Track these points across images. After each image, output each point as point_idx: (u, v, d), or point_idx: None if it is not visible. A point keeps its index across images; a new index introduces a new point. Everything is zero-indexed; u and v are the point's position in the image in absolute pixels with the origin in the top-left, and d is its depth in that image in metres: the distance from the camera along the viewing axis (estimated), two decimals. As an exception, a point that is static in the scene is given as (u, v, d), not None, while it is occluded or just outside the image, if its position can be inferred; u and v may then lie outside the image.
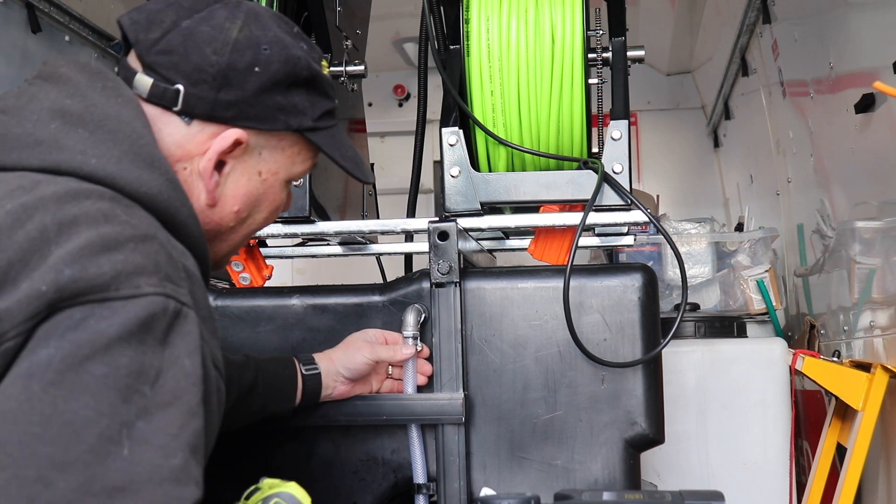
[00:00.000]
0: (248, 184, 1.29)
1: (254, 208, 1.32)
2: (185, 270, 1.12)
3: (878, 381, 2.04)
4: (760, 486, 2.67)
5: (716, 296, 3.14)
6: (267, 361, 1.64)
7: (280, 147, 1.30)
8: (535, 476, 1.71)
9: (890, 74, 1.84)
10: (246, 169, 1.28)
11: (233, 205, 1.29)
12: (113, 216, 1.07)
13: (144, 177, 1.15)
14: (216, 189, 1.26)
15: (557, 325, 1.71)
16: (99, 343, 0.99)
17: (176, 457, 1.00)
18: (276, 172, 1.31)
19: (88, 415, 0.96)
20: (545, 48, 1.84)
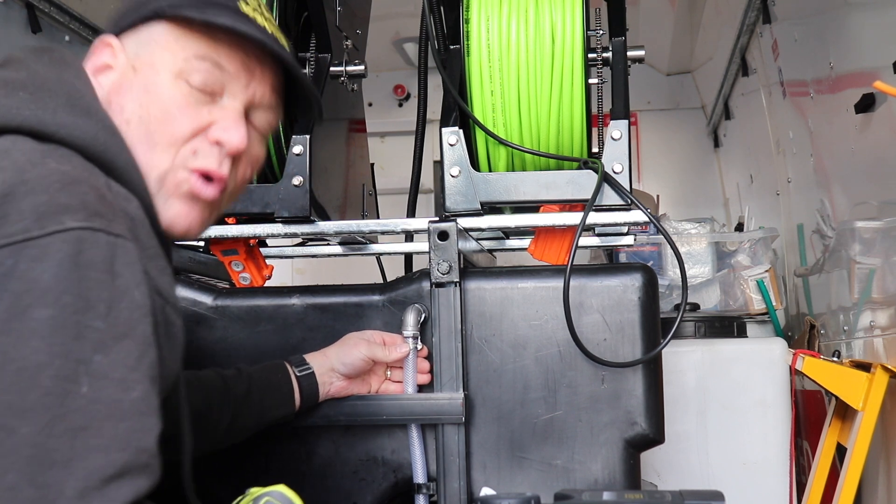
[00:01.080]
0: (124, 79, 1.25)
1: (142, 106, 1.24)
2: (123, 211, 1.11)
3: (878, 380, 2.04)
4: (760, 486, 2.67)
5: (716, 296, 3.14)
6: (258, 370, 1.64)
7: (150, 38, 1.27)
8: (535, 476, 1.71)
9: (890, 74, 1.84)
10: (123, 68, 1.26)
11: (122, 105, 1.24)
12: (40, 163, 1.07)
13: (79, 123, 1.15)
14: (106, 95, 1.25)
15: (557, 325, 1.71)
16: (37, 290, 0.98)
17: (135, 389, 1.01)
18: (152, 64, 1.25)
19: (40, 358, 0.96)
20: (545, 48, 1.84)
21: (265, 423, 1.65)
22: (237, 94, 1.29)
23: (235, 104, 1.28)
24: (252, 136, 1.32)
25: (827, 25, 2.41)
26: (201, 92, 1.26)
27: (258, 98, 1.31)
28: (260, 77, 1.31)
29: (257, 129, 1.34)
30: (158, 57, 1.25)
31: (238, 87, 1.29)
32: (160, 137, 1.23)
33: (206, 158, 1.26)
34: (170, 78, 1.24)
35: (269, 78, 1.32)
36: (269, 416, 1.64)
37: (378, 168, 2.53)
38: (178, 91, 1.25)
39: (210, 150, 1.26)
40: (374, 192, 2.42)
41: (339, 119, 2.22)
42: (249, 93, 1.30)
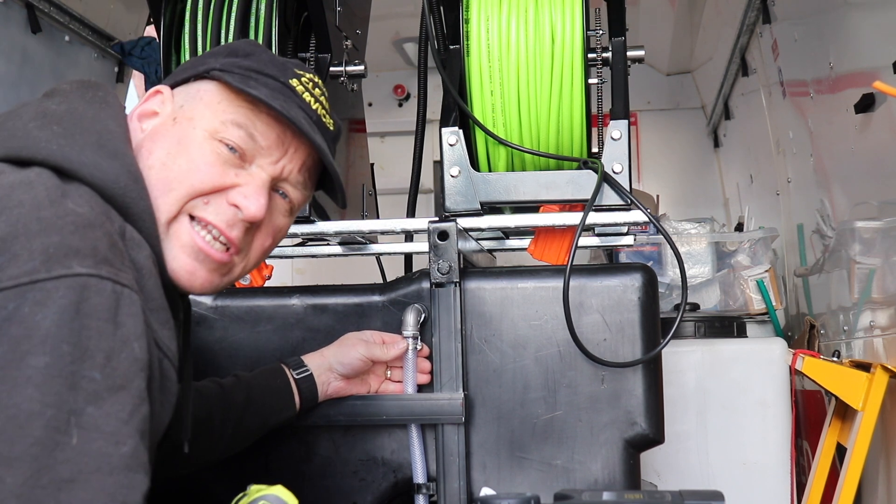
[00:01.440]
0: (163, 127, 1.28)
1: (170, 154, 1.26)
2: (132, 260, 1.12)
3: (877, 380, 2.04)
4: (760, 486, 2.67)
5: (716, 296, 3.14)
6: (256, 376, 1.65)
7: (197, 95, 1.30)
8: (535, 476, 1.71)
9: (890, 74, 1.84)
10: (166, 117, 1.30)
11: (151, 150, 1.26)
12: (58, 202, 1.07)
13: (103, 164, 1.16)
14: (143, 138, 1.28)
15: (557, 325, 1.71)
16: (37, 336, 0.98)
17: (126, 444, 1.00)
18: (192, 119, 1.28)
19: (33, 407, 0.95)
20: (545, 48, 1.84)
21: (268, 428, 1.65)
22: (266, 166, 1.30)
23: (262, 174, 1.30)
24: (276, 207, 1.34)
25: (827, 25, 2.41)
26: (231, 154, 1.27)
27: (286, 174, 1.33)
28: (292, 155, 1.33)
29: (283, 202, 1.35)
30: (199, 113, 1.28)
31: (268, 160, 1.30)
32: (178, 185, 1.24)
33: (216, 214, 1.26)
34: (204, 135, 1.27)
35: (301, 156, 1.34)
36: (272, 420, 1.64)
37: (378, 168, 2.53)
38: (210, 149, 1.27)
39: (224, 210, 1.27)
40: (374, 192, 2.42)
41: (339, 119, 2.22)
42: (279, 167, 1.32)
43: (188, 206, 1.25)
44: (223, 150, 1.27)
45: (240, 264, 1.33)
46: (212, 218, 1.26)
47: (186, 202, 1.25)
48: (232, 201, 1.27)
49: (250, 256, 1.34)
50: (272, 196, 1.32)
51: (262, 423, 1.63)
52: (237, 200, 1.27)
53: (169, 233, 1.25)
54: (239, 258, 1.32)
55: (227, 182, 1.27)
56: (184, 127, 1.28)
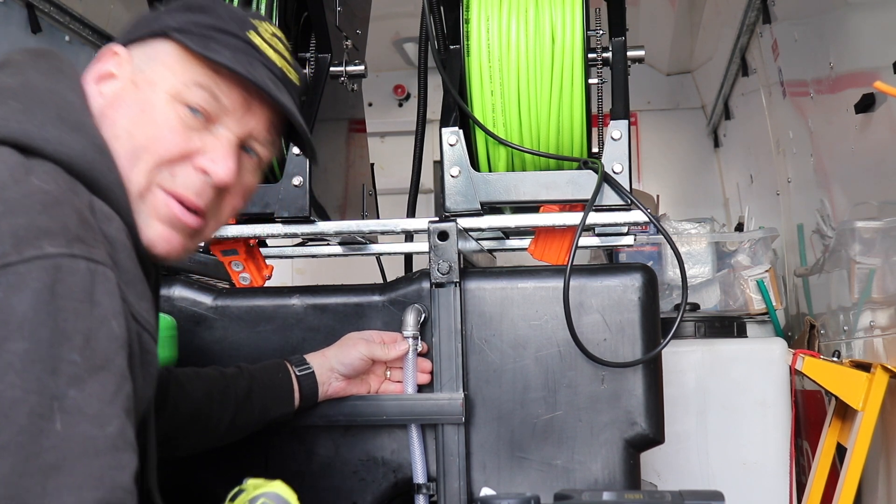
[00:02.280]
0: (123, 92, 1.24)
1: (134, 123, 1.22)
2: (103, 234, 1.10)
3: (878, 381, 2.04)
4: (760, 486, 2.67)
5: (716, 296, 3.14)
6: (259, 369, 1.65)
7: (156, 57, 1.25)
8: (535, 476, 1.71)
9: (890, 74, 1.84)
10: (125, 80, 1.25)
11: (114, 119, 1.23)
12: (23, 180, 1.05)
13: (66, 139, 1.14)
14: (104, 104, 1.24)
15: (557, 325, 1.71)
16: (14, 321, 0.96)
17: (111, 424, 0.99)
18: (153, 82, 1.24)
19: (15, 394, 0.94)
20: (545, 48, 1.84)
21: (265, 422, 1.65)
22: (232, 126, 1.27)
23: (229, 136, 1.26)
24: (245, 166, 1.31)
25: (827, 25, 2.41)
26: (195, 117, 1.24)
27: (254, 133, 1.30)
28: (258, 113, 1.29)
29: (252, 160, 1.32)
30: (160, 75, 1.24)
31: (233, 120, 1.27)
32: (144, 154, 1.21)
33: (185, 185, 1.24)
34: (166, 98, 1.23)
35: (268, 114, 1.30)
36: (270, 414, 1.64)
37: (378, 168, 2.53)
38: (173, 113, 1.23)
39: (192, 177, 1.24)
40: (374, 192, 2.42)
41: (339, 119, 2.22)
42: (245, 127, 1.28)
43: (158, 179, 1.23)
44: (186, 113, 1.23)
45: (210, 225, 1.31)
46: (181, 190, 1.24)
47: (154, 173, 1.23)
48: (199, 166, 1.24)
49: (220, 217, 1.32)
50: (240, 155, 1.30)
51: (260, 415, 1.63)
52: (205, 165, 1.24)
53: (144, 204, 1.23)
54: (208, 220, 1.30)
55: (192, 147, 1.24)
56: (145, 91, 1.24)
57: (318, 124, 1.93)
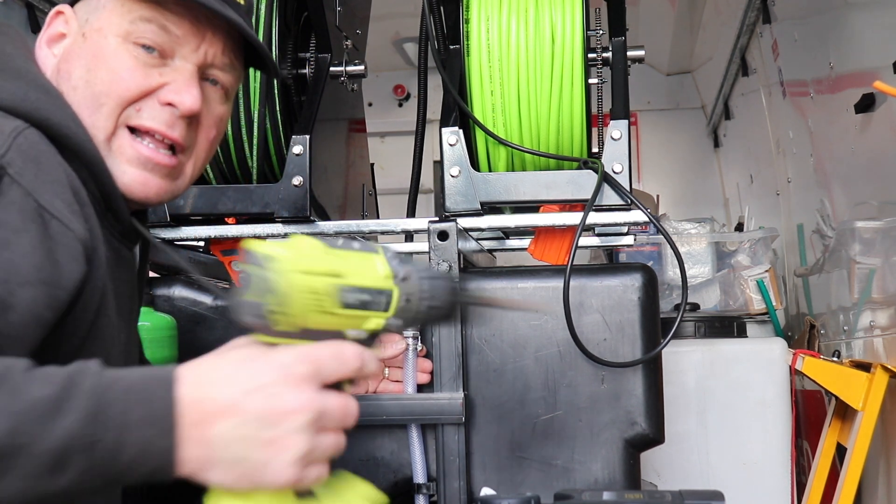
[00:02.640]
0: (74, 45, 1.25)
1: (89, 70, 1.23)
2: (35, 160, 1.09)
3: (877, 380, 2.04)
4: (761, 485, 2.67)
5: (716, 296, 3.14)
6: None
7: (99, 4, 1.26)
8: (535, 476, 1.71)
9: (890, 74, 1.84)
10: (74, 35, 1.26)
11: (69, 71, 1.23)
12: None
13: (7, 85, 1.15)
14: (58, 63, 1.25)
15: (557, 325, 1.71)
16: None
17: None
18: (100, 28, 1.24)
19: None
20: (545, 48, 1.84)
21: None
22: (188, 55, 1.27)
23: (187, 66, 1.26)
24: (210, 95, 1.31)
25: (827, 25, 2.41)
26: (150, 55, 1.24)
27: (211, 58, 1.29)
28: (212, 38, 1.28)
29: (216, 90, 1.32)
30: (106, 21, 1.24)
31: (188, 50, 1.26)
32: (106, 99, 1.22)
33: (152, 118, 1.24)
34: (117, 41, 1.23)
35: (221, 38, 1.29)
36: None
37: (378, 168, 2.54)
38: (126, 53, 1.23)
39: (159, 111, 1.24)
40: (374, 192, 2.42)
41: (339, 119, 2.22)
42: (201, 55, 1.28)
43: (122, 118, 1.23)
44: (140, 52, 1.24)
45: (189, 163, 1.31)
46: (149, 124, 1.24)
47: (119, 114, 1.23)
48: (164, 100, 1.24)
49: (199, 152, 1.32)
50: (203, 86, 1.29)
51: None
52: (169, 97, 1.24)
53: (112, 150, 1.23)
54: (186, 157, 1.30)
55: (152, 83, 1.24)
56: (95, 40, 1.24)
57: (318, 124, 1.93)
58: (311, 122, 1.89)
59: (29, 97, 1.15)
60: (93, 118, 1.22)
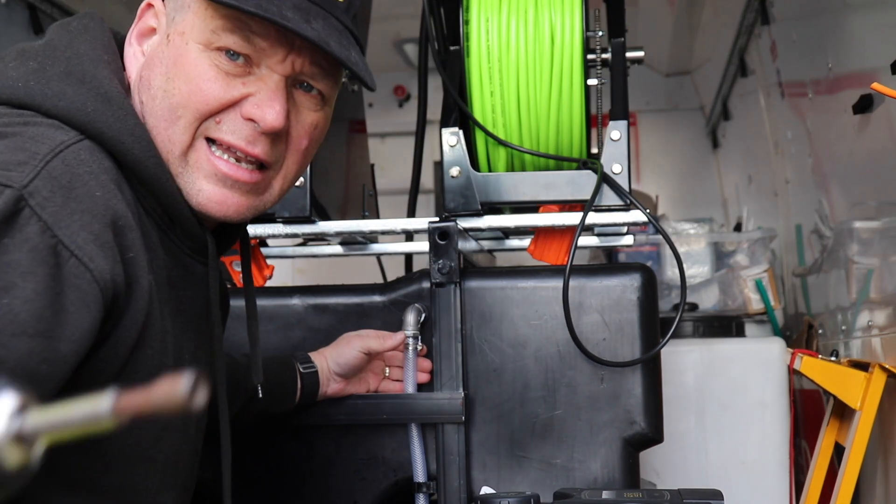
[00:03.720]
0: (158, 48, 1.18)
1: (168, 79, 1.15)
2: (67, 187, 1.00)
3: (875, 380, 2.04)
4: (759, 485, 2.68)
5: (714, 296, 3.15)
6: (268, 361, 1.65)
7: (184, 4, 1.17)
8: (535, 475, 1.72)
9: (888, 75, 1.84)
10: (162, 33, 1.19)
11: (149, 79, 1.16)
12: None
13: (68, 92, 1.09)
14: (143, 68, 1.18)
15: (557, 325, 1.72)
16: None
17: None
18: (183, 33, 1.15)
19: None
20: (545, 49, 1.85)
21: (265, 416, 1.65)
22: (275, 66, 1.16)
23: (273, 76, 1.16)
24: (302, 103, 1.21)
25: (825, 27, 2.42)
26: (234, 62, 1.14)
27: (300, 68, 1.18)
28: (301, 46, 1.17)
29: (311, 97, 1.21)
30: (189, 25, 1.16)
31: (275, 60, 1.16)
32: (183, 111, 1.14)
33: (232, 133, 1.15)
34: (198, 48, 1.15)
35: (311, 45, 1.16)
36: (271, 409, 1.64)
37: (378, 168, 2.54)
38: (208, 62, 1.14)
39: (241, 126, 1.15)
40: (374, 193, 2.43)
41: (340, 120, 2.23)
42: (288, 65, 1.17)
43: (201, 130, 1.15)
44: (222, 60, 1.14)
45: (278, 178, 1.22)
46: (229, 138, 1.15)
47: (197, 127, 1.15)
48: (246, 115, 1.15)
49: (288, 166, 1.22)
50: (294, 94, 1.19)
51: (264, 408, 1.62)
52: (251, 113, 1.15)
53: (189, 164, 1.15)
54: (273, 171, 1.20)
55: (234, 95, 1.15)
56: (177, 45, 1.15)
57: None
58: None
59: (86, 107, 1.08)
60: (169, 131, 1.14)
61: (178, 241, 1.20)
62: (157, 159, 1.13)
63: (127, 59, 1.21)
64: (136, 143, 1.11)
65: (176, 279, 1.19)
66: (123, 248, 1.05)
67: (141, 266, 1.08)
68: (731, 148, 4.29)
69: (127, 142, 1.10)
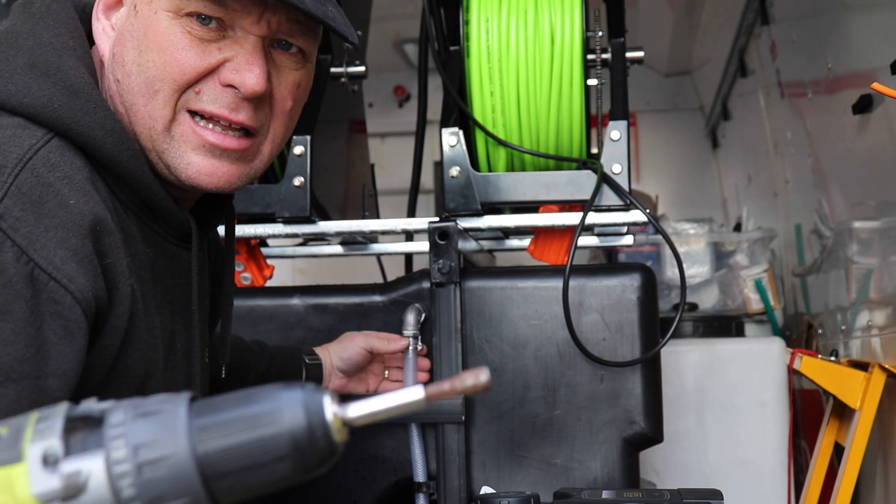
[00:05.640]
0: (126, 22, 1.12)
1: (141, 52, 1.10)
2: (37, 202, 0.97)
3: (875, 380, 2.05)
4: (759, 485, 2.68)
5: (714, 295, 3.15)
6: (277, 350, 1.65)
7: None
8: (535, 475, 1.72)
9: (888, 75, 1.84)
10: (128, 10, 1.13)
11: (122, 55, 1.11)
12: None
13: (33, 87, 1.05)
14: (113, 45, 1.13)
15: (557, 325, 1.72)
16: None
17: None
18: (150, 2, 1.10)
19: None
20: (545, 49, 1.85)
21: None
22: (249, 27, 1.12)
23: (249, 38, 1.12)
24: (282, 62, 1.16)
25: (825, 27, 2.42)
26: (206, 27, 1.10)
27: (276, 27, 1.13)
28: (274, 3, 1.12)
29: (291, 55, 1.17)
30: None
31: (249, 21, 1.11)
32: (160, 84, 1.09)
33: (214, 102, 1.11)
34: (168, 17, 1.10)
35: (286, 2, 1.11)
36: None
37: (379, 168, 2.54)
38: (179, 30, 1.09)
39: (221, 94, 1.11)
40: (374, 193, 2.43)
41: (340, 120, 2.23)
42: (264, 26, 1.12)
43: (181, 103, 1.11)
44: (194, 25, 1.09)
45: (266, 142, 1.18)
46: (210, 108, 1.11)
47: (177, 100, 1.11)
48: (225, 81, 1.11)
49: (275, 129, 1.18)
50: (272, 54, 1.14)
51: None
52: (230, 78, 1.10)
53: (174, 137, 1.12)
54: (260, 137, 1.17)
55: (211, 62, 1.10)
56: (145, 14, 1.10)
57: (319, 125, 1.94)
58: (312, 122, 1.90)
59: (53, 102, 1.05)
60: (149, 107, 1.10)
61: (161, 231, 1.17)
62: (130, 151, 1.10)
63: (96, 35, 1.16)
64: (107, 137, 1.08)
65: (161, 270, 1.17)
66: (101, 255, 1.03)
67: (121, 271, 1.06)
68: (730, 148, 4.29)
69: (98, 136, 1.07)
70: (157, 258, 1.16)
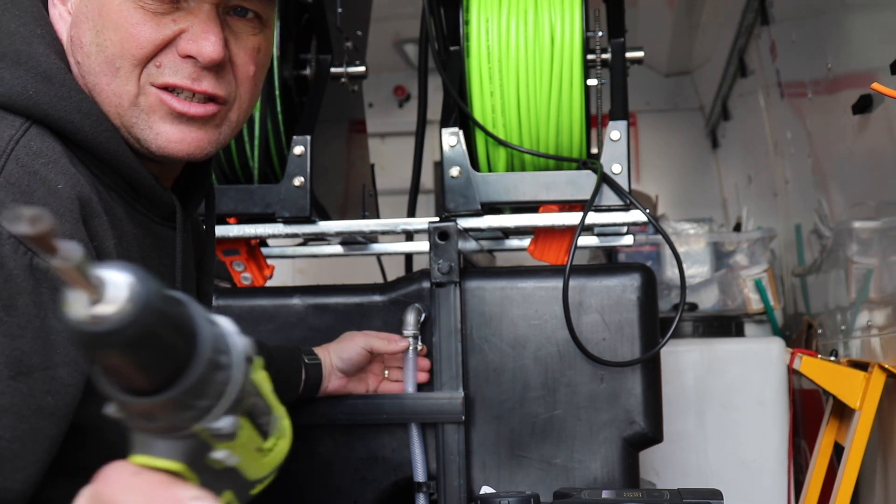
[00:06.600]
0: (80, 4, 1.14)
1: (97, 32, 1.12)
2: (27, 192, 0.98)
3: (875, 380, 2.05)
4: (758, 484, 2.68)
5: (714, 295, 3.15)
6: (276, 350, 1.65)
7: None
8: (535, 474, 1.72)
9: (887, 75, 1.84)
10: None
11: (80, 37, 1.13)
12: None
13: (6, 76, 1.06)
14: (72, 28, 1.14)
15: (557, 325, 1.72)
16: None
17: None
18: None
19: None
20: (544, 49, 1.85)
21: None
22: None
23: (203, 6, 1.13)
24: (239, 29, 1.18)
25: (825, 27, 2.42)
26: (158, 2, 1.11)
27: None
28: None
29: (248, 21, 1.18)
30: None
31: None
32: (120, 62, 1.11)
33: (175, 73, 1.12)
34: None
35: None
36: None
37: (379, 168, 2.54)
38: (132, 5, 1.11)
39: (180, 65, 1.13)
40: (374, 193, 2.43)
41: (340, 120, 2.23)
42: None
43: (144, 78, 1.12)
44: (146, 1, 1.11)
45: (233, 109, 1.19)
46: (173, 79, 1.12)
47: (139, 75, 1.12)
48: (183, 52, 1.12)
49: (241, 95, 1.19)
50: (228, 21, 1.16)
51: None
52: (187, 49, 1.11)
53: (141, 109, 1.13)
54: (228, 105, 1.18)
55: (167, 34, 1.11)
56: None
57: (319, 125, 1.94)
58: (312, 122, 1.91)
59: (27, 90, 1.06)
60: (112, 85, 1.12)
61: (145, 211, 1.19)
62: (109, 132, 1.11)
63: (54, 22, 1.17)
64: (85, 119, 1.09)
65: (148, 249, 1.18)
66: (89, 237, 1.04)
67: (108, 253, 1.07)
68: (730, 148, 4.29)
69: (76, 120, 1.08)
70: (144, 238, 1.18)
